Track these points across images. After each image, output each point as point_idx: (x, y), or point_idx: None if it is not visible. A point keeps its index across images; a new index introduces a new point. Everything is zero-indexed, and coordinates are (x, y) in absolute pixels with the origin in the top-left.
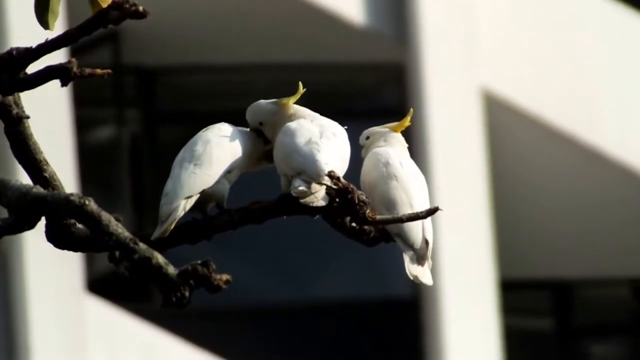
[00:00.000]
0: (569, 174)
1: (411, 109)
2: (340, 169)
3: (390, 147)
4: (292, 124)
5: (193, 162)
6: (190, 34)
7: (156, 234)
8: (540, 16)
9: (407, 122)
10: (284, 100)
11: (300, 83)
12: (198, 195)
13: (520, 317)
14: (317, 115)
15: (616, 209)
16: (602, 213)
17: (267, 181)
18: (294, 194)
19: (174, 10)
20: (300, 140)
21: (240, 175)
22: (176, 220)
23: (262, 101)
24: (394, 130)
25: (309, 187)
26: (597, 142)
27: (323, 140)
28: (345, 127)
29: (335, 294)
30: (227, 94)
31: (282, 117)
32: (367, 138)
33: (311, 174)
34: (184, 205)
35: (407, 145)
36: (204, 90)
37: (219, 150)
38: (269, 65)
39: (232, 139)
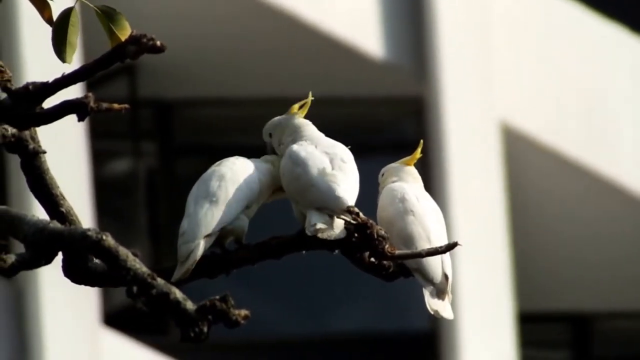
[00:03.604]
0: (587, 206)
1: (421, 141)
2: (354, 196)
3: (404, 181)
4: (299, 151)
5: (209, 198)
6: (208, 67)
7: (177, 275)
8: (558, 49)
9: (418, 154)
10: (294, 107)
11: (310, 93)
12: (217, 233)
13: (539, 349)
14: (319, 134)
15: (635, 240)
16: (621, 244)
17: (284, 214)
18: (309, 233)
19: (191, 44)
20: (314, 171)
21: (258, 209)
22: (196, 261)
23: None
24: (407, 163)
25: (325, 224)
26: (615, 173)
27: (337, 172)
28: (349, 146)
29: (353, 327)
30: (244, 127)
31: (288, 127)
32: (382, 175)
33: (334, 209)
34: (203, 245)
35: (420, 177)
36: (221, 124)
37: (234, 185)
38: (287, 98)
39: (247, 173)
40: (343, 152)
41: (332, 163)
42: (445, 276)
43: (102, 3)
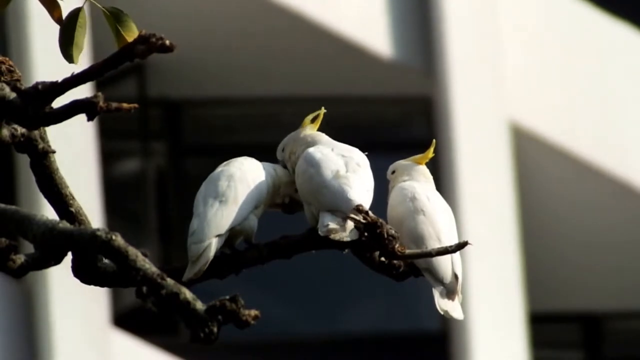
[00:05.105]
0: (598, 208)
1: (434, 140)
2: (367, 201)
3: (415, 180)
4: (315, 153)
5: (218, 198)
6: (217, 66)
7: (188, 274)
8: (569, 49)
9: (430, 153)
10: (306, 120)
11: (322, 108)
12: (228, 233)
13: (550, 350)
14: (336, 142)
15: None
16: (631, 246)
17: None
18: (321, 234)
19: (200, 43)
20: (327, 173)
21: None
22: (209, 261)
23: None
24: (418, 162)
25: (337, 224)
26: (626, 175)
27: (350, 174)
28: (366, 153)
29: (363, 327)
30: (253, 126)
31: (300, 139)
32: (393, 172)
33: (346, 211)
34: (215, 245)
35: (431, 176)
36: (230, 123)
37: (243, 185)
38: (296, 98)
39: (255, 173)
40: (359, 157)
41: (347, 166)
42: (455, 276)
43: (111, 2)
